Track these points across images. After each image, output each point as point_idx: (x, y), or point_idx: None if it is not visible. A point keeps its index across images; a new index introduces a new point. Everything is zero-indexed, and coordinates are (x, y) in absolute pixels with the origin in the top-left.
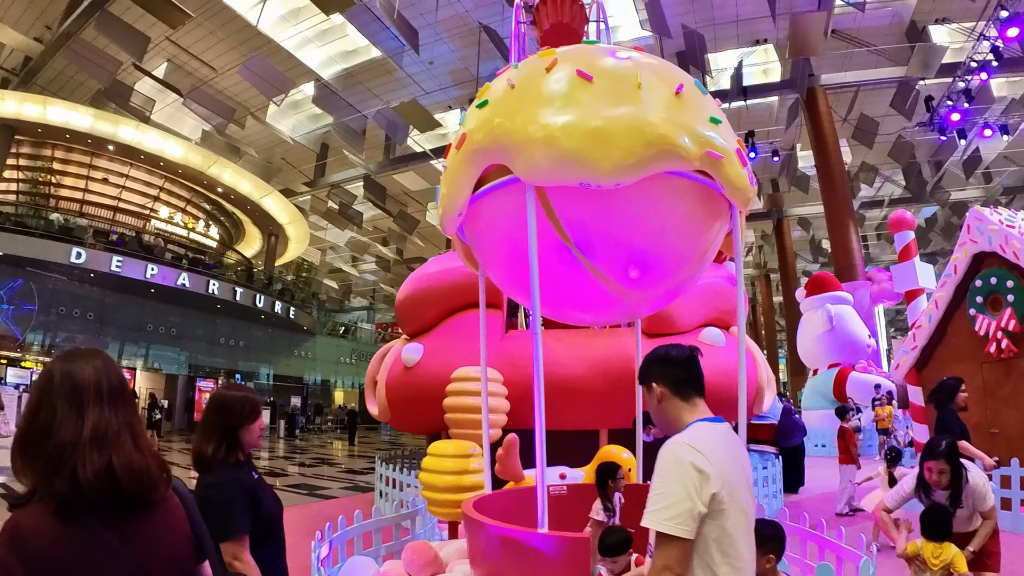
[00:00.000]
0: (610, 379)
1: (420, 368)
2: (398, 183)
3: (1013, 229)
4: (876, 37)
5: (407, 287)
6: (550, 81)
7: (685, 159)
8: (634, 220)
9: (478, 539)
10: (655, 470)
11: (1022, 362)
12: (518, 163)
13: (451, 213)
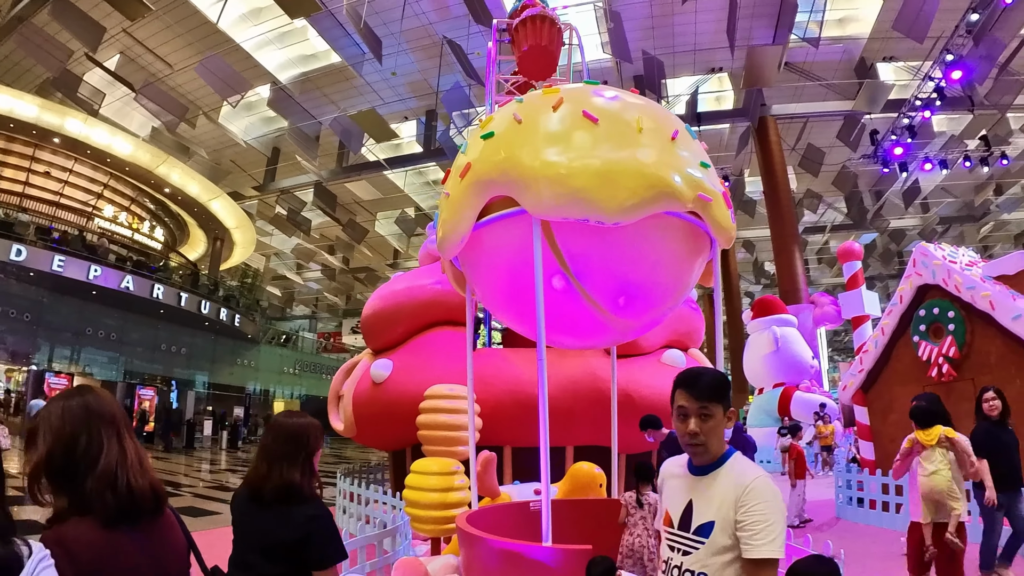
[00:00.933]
0: (578, 398)
1: (389, 384)
2: (349, 192)
3: (955, 265)
4: (827, 71)
5: (375, 303)
6: (557, 120)
7: (680, 201)
8: (630, 254)
9: (477, 553)
10: (759, 501)
11: (960, 385)
12: (526, 197)
13: (453, 239)
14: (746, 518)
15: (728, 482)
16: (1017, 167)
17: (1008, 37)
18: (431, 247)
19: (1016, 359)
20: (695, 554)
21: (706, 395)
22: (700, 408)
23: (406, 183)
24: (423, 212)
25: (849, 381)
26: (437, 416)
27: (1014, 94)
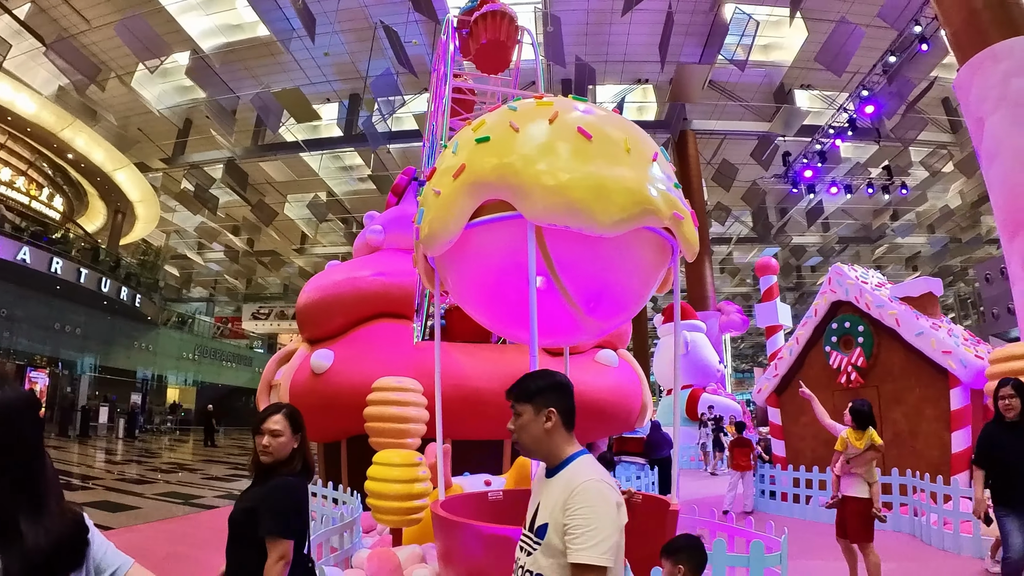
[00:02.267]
0: None
1: (331, 375)
2: (262, 171)
3: (867, 285)
4: (747, 93)
5: (313, 292)
6: (554, 133)
7: (659, 217)
8: (610, 262)
9: (462, 541)
10: (583, 505)
11: (865, 391)
12: (525, 203)
13: (443, 237)
14: (569, 521)
15: (562, 484)
16: (913, 196)
17: (918, 79)
18: (370, 238)
19: (916, 370)
20: (534, 555)
21: (511, 395)
22: (510, 407)
23: (321, 167)
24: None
25: (764, 385)
26: (385, 408)
27: (918, 130)
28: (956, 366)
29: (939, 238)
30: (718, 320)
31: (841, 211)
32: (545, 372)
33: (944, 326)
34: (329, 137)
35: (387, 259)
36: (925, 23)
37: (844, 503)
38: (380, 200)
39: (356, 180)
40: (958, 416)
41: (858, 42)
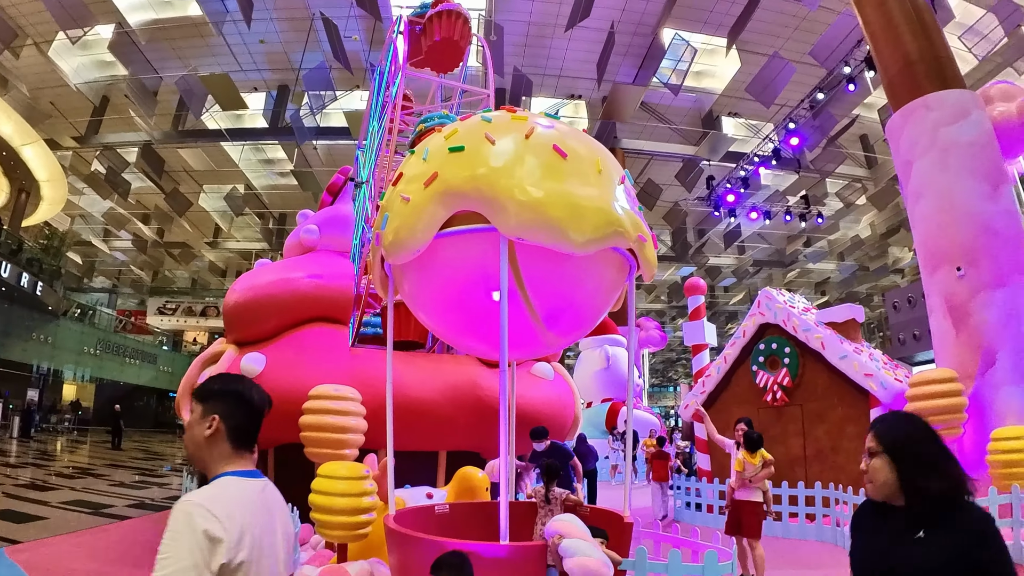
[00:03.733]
0: (456, 404)
1: (262, 380)
2: (180, 158)
3: (794, 309)
4: (677, 116)
5: (244, 292)
6: (531, 148)
7: (626, 238)
8: (576, 279)
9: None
10: (167, 528)
11: (789, 409)
12: (501, 218)
13: (411, 246)
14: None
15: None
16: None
17: (840, 115)
18: (304, 237)
19: (838, 390)
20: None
21: (200, 396)
22: (197, 410)
23: (242, 158)
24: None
25: (691, 401)
26: (323, 417)
27: (836, 163)
28: (877, 388)
29: (848, 265)
30: (637, 335)
31: (757, 235)
32: (230, 377)
33: (865, 350)
34: (253, 128)
35: (322, 261)
36: (854, 64)
37: (741, 507)
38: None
39: (276, 175)
40: None
41: (788, 77)
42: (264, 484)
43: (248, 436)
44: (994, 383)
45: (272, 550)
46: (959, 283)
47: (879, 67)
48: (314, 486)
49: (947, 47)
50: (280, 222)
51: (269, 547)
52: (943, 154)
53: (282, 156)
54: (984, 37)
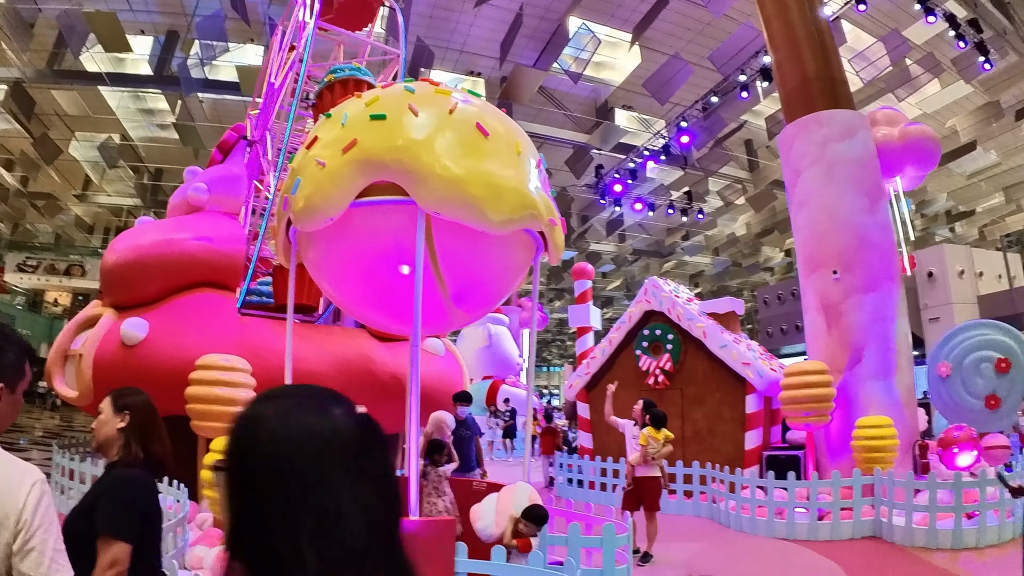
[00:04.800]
0: (348, 377)
1: (145, 348)
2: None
3: (679, 299)
4: (573, 103)
5: (126, 251)
6: (455, 124)
7: (540, 221)
8: (488, 257)
9: None
10: None
11: (670, 393)
12: (421, 191)
13: (325, 211)
14: None
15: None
16: (706, 221)
17: (729, 119)
18: (192, 196)
19: (717, 376)
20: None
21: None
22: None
23: (120, 105)
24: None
25: (575, 381)
26: (211, 389)
27: (720, 164)
28: (753, 376)
29: (722, 260)
30: (519, 315)
31: (639, 225)
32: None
33: (743, 341)
34: (136, 74)
35: (211, 222)
36: (749, 74)
37: (642, 483)
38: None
39: (156, 126)
40: (752, 418)
41: (686, 78)
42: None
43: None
44: (860, 377)
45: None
46: (834, 285)
47: (778, 80)
48: (207, 461)
49: (842, 70)
50: (156, 177)
51: None
52: (829, 167)
53: (164, 107)
54: (871, 63)
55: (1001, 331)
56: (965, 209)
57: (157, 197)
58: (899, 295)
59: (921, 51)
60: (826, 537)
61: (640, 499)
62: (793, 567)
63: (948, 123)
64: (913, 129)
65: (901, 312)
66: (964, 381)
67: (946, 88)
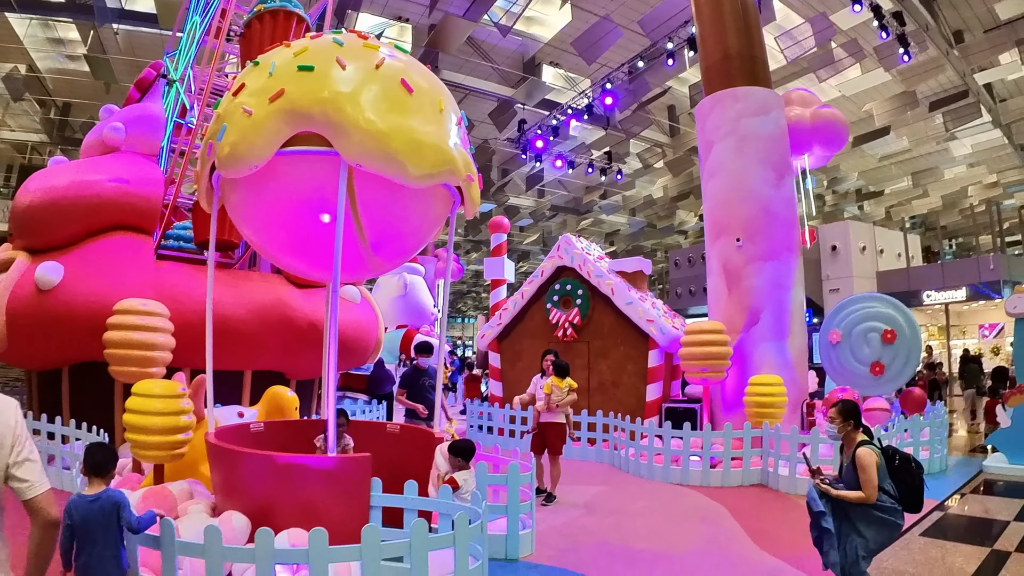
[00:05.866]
0: (265, 323)
1: (59, 292)
2: None
3: (590, 256)
4: (500, 56)
5: (38, 194)
6: (381, 79)
7: (457, 176)
8: (406, 209)
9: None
10: None
11: (577, 345)
12: (345, 143)
13: (249, 160)
14: None
15: None
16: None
17: (654, 84)
18: (108, 136)
19: (622, 331)
20: None
21: None
22: None
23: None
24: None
25: (488, 332)
26: (129, 334)
27: (642, 127)
28: (656, 332)
29: (638, 221)
30: (434, 265)
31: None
32: None
33: (649, 299)
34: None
35: (127, 163)
36: (677, 42)
37: (547, 428)
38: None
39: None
40: (653, 372)
41: (614, 40)
42: None
43: None
44: (755, 338)
45: None
46: (737, 252)
47: (700, 53)
48: (128, 405)
49: (763, 48)
50: (64, 112)
51: None
52: (741, 142)
53: (75, 37)
54: (797, 43)
55: (890, 305)
56: (875, 189)
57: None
58: (797, 265)
59: (846, 36)
60: (717, 484)
61: (545, 443)
62: (684, 507)
63: (865, 107)
64: (824, 112)
65: (798, 281)
66: (852, 348)
67: (866, 74)
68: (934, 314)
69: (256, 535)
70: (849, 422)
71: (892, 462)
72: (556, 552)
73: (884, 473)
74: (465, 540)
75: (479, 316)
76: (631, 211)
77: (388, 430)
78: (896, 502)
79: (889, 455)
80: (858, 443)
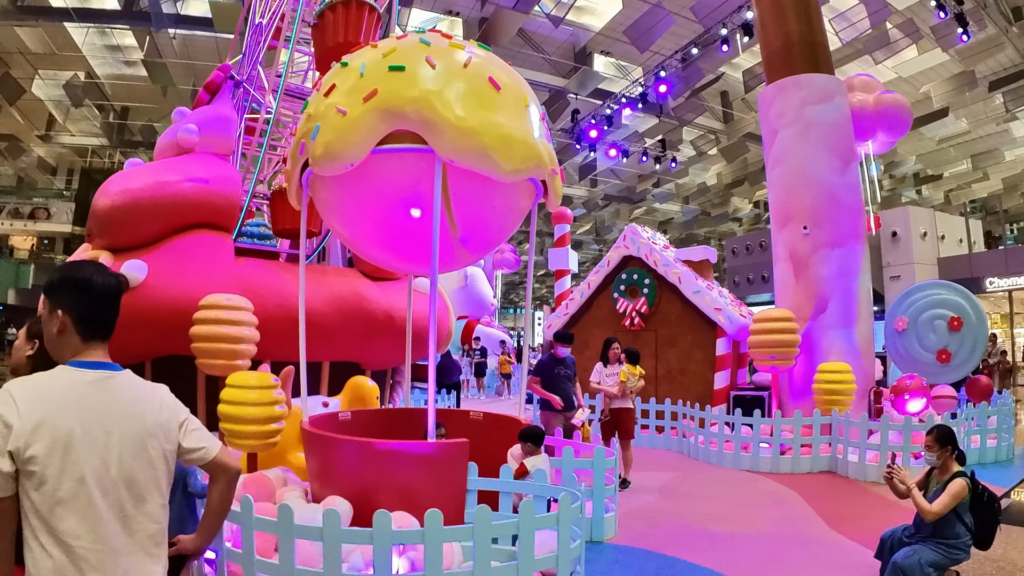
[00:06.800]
0: (342, 315)
1: (145, 289)
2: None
3: (656, 245)
4: (551, 47)
5: (120, 195)
6: (469, 77)
7: (543, 170)
8: (495, 202)
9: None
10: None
11: (645, 334)
12: (440, 140)
13: (345, 158)
14: None
15: None
16: (677, 169)
17: (707, 71)
18: (183, 137)
19: (689, 320)
20: None
21: (47, 292)
22: (45, 309)
23: (85, 42)
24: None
25: (555, 321)
26: (216, 328)
27: (696, 114)
28: (724, 321)
29: (692, 209)
30: (493, 257)
31: (610, 171)
32: (72, 264)
33: (715, 288)
34: (103, 9)
35: (204, 163)
36: (730, 28)
37: (619, 414)
38: (148, 90)
39: (123, 63)
40: (721, 360)
41: (667, 27)
42: (106, 377)
43: (98, 324)
44: (823, 326)
45: (92, 450)
46: (803, 240)
47: (761, 40)
48: (224, 396)
49: (824, 33)
50: (122, 116)
51: (85, 445)
52: (806, 129)
53: (132, 43)
54: (852, 24)
55: (956, 292)
56: (933, 173)
57: (123, 136)
58: (864, 253)
59: (901, 16)
60: (787, 470)
61: (616, 429)
62: (756, 491)
63: (922, 88)
64: (887, 97)
65: (864, 268)
66: (919, 335)
67: (923, 54)
68: (997, 301)
69: (375, 517)
70: (947, 448)
71: (980, 498)
72: (638, 534)
73: (966, 507)
74: (568, 521)
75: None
76: (684, 199)
77: (472, 417)
78: (971, 536)
79: (978, 491)
80: (954, 473)
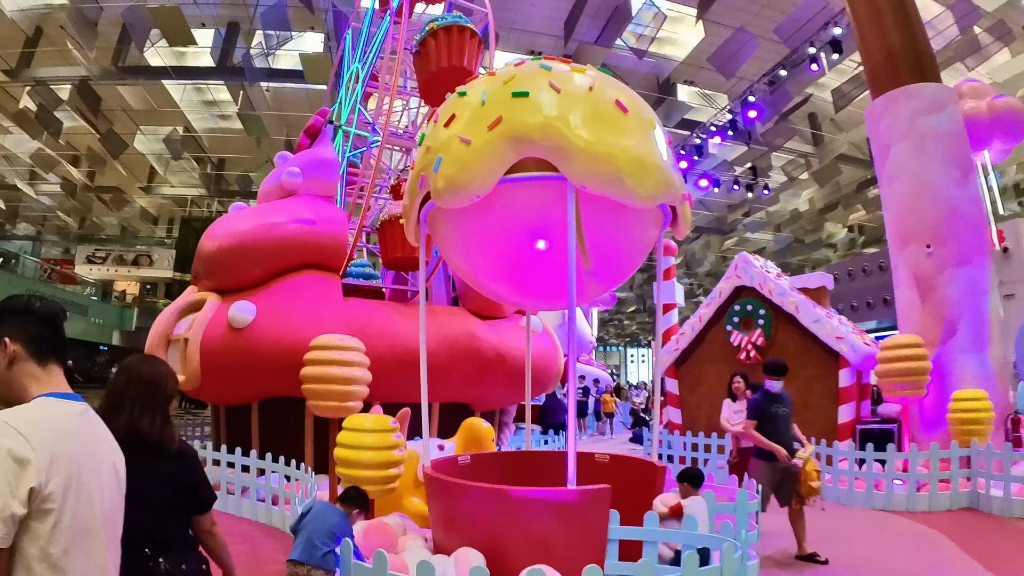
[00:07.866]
0: (454, 355)
1: (253, 331)
2: (118, 97)
3: (769, 274)
4: (633, 80)
5: (227, 238)
6: (596, 101)
7: (675, 196)
8: (627, 230)
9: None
10: None
11: (761, 368)
12: (570, 165)
13: (473, 189)
14: None
15: None
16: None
17: (795, 92)
18: (287, 180)
19: (808, 351)
20: None
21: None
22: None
23: (183, 98)
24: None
25: (665, 358)
26: (328, 369)
27: (785, 138)
28: (847, 350)
29: (784, 237)
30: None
31: (698, 202)
32: (6, 299)
33: (836, 316)
34: (198, 67)
35: (309, 204)
36: (819, 45)
37: (746, 453)
38: (243, 140)
39: (218, 117)
40: (845, 392)
41: (752, 51)
42: (85, 408)
43: (49, 343)
44: (954, 351)
45: (97, 482)
46: (927, 259)
47: (862, 53)
48: (340, 439)
49: (927, 41)
50: (219, 167)
51: (91, 478)
52: (920, 141)
53: (226, 98)
54: (939, 33)
55: None
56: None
57: (220, 186)
58: (991, 269)
59: (992, 19)
60: (924, 508)
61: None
62: (899, 533)
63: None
64: (1001, 102)
65: (993, 285)
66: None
67: (1017, 57)
68: None
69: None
70: None
71: None
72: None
73: None
74: (731, 571)
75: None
76: (776, 227)
77: (597, 460)
78: None
79: None
80: None
